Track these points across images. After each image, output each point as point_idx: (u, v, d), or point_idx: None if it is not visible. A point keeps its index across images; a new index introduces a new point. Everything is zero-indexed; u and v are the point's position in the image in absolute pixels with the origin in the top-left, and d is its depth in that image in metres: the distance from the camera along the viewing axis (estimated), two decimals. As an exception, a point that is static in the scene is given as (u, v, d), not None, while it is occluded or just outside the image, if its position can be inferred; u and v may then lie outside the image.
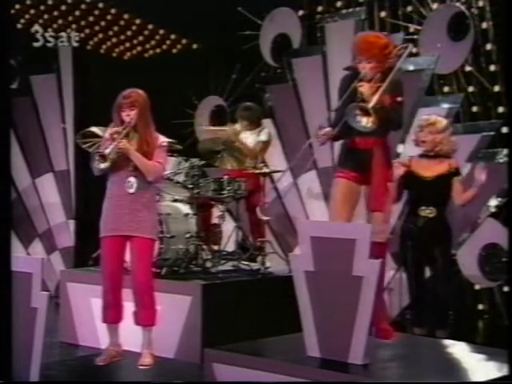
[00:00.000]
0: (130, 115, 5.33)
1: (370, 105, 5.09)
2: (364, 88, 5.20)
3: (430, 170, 6.05)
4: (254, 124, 7.49)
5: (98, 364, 5.46)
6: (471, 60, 7.11)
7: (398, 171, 5.98)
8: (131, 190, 5.36)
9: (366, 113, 5.10)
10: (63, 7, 8.86)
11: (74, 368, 5.68)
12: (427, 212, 5.96)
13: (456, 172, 6.07)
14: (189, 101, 8.92)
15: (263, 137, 7.41)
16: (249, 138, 7.41)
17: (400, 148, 7.18)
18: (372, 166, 5.32)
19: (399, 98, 5.33)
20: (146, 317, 5.45)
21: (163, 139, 5.48)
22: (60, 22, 8.90)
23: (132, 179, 5.37)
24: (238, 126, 7.54)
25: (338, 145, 5.70)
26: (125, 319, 5.52)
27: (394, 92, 5.28)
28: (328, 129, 5.34)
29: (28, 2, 8.85)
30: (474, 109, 7.13)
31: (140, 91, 5.42)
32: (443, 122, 6.12)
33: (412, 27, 7.43)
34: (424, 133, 6.07)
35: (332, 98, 7.52)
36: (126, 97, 5.35)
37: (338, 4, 7.99)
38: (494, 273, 6.89)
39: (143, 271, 5.42)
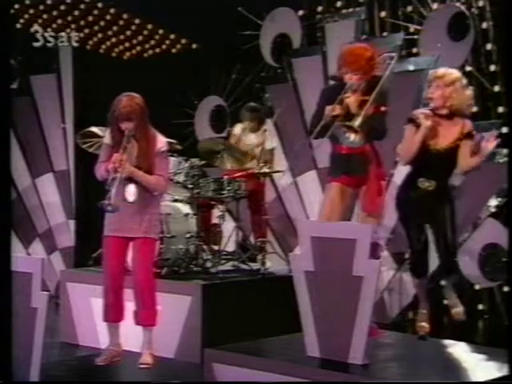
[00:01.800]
0: (128, 127, 5.27)
1: (356, 124, 5.08)
2: (350, 100, 5.21)
3: (440, 137, 5.21)
4: (259, 125, 7.46)
5: (97, 364, 5.45)
6: (471, 60, 7.11)
7: (426, 123, 5.15)
8: (130, 199, 5.37)
9: (353, 130, 5.10)
10: (62, 7, 8.85)
11: (74, 368, 5.68)
12: (426, 185, 5.21)
13: (467, 136, 5.23)
14: (189, 101, 8.92)
15: (270, 145, 7.31)
16: (252, 139, 7.38)
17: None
18: (363, 168, 5.32)
19: (383, 108, 5.30)
20: (146, 317, 5.45)
21: (161, 144, 5.43)
22: (59, 21, 8.90)
23: (131, 187, 5.38)
24: (239, 127, 7.52)
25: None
26: (125, 319, 5.52)
27: (378, 102, 5.27)
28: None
29: (27, 2, 8.84)
30: (474, 109, 7.11)
31: (135, 98, 5.34)
32: (453, 73, 5.24)
33: (412, 27, 7.44)
34: (432, 88, 5.23)
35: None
36: (122, 107, 5.27)
37: (338, 4, 8.00)
38: (493, 273, 6.89)
39: (144, 271, 5.42)
